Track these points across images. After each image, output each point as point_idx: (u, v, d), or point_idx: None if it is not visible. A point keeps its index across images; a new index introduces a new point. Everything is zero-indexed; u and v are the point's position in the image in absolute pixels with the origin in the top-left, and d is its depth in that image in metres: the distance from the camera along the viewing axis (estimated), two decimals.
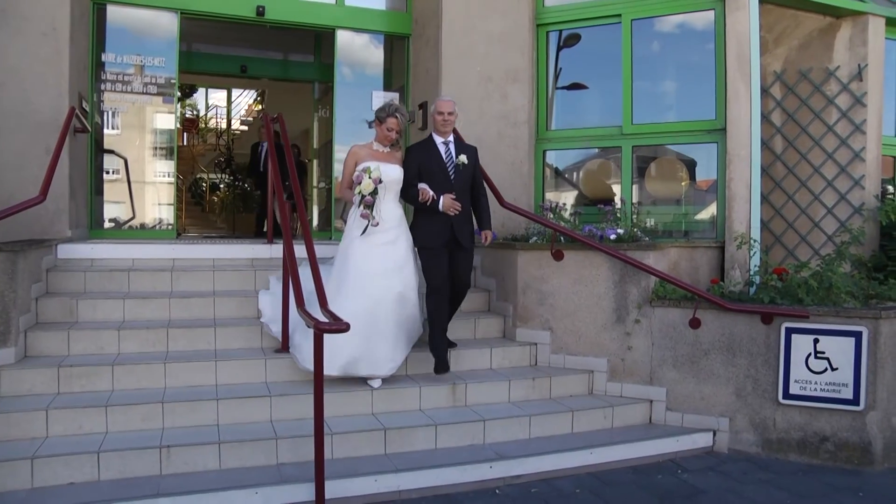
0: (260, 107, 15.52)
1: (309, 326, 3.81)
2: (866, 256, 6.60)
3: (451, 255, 5.07)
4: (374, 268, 4.82)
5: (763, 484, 4.50)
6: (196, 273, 5.74)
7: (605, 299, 5.48)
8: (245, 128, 16.55)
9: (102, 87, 6.87)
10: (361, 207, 4.74)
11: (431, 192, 4.90)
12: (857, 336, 4.78)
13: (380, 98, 7.54)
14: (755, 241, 6.04)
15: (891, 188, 7.55)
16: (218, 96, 16.67)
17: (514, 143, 6.80)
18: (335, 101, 7.48)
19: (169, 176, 7.66)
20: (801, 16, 7.08)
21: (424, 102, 7.01)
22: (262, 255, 6.22)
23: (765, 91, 6.87)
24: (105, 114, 7.08)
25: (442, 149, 5.09)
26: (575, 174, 7.49)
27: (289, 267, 4.50)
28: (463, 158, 5.07)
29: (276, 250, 5.98)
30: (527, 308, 5.72)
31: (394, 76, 7.89)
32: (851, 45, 6.89)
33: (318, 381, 3.74)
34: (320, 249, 5.63)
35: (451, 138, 5.17)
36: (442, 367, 4.97)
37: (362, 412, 4.68)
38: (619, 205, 6.48)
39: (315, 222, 9.07)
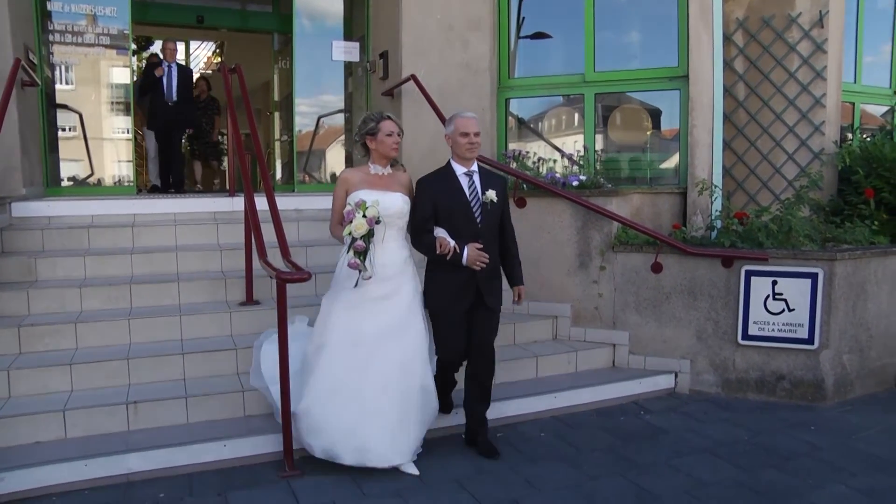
0: (219, 59, 15.14)
1: (271, 276, 3.81)
2: (825, 201, 6.72)
3: (473, 320, 4.02)
4: (366, 329, 3.77)
5: (722, 422, 4.65)
6: (158, 228, 5.67)
7: (568, 246, 5.53)
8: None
9: (51, 38, 6.64)
10: (350, 254, 3.62)
11: (453, 242, 3.85)
12: (814, 277, 4.90)
13: (340, 48, 7.41)
14: (717, 186, 6.12)
15: (850, 135, 7.66)
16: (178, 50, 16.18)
17: (476, 91, 6.74)
18: (295, 53, 7.35)
19: (127, 132, 7.49)
20: None
21: (385, 52, 6.89)
22: (223, 209, 6.15)
23: (727, 38, 6.86)
24: (56, 67, 6.86)
25: (464, 181, 3.97)
26: (539, 123, 7.47)
27: (250, 221, 4.45)
28: (491, 195, 3.93)
29: (237, 203, 5.92)
30: None
31: (354, 26, 7.74)
32: None
33: (283, 329, 3.74)
34: (283, 201, 5.60)
35: (475, 167, 4.02)
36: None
37: None
38: (581, 152, 6.49)
39: (278, 175, 8.96)
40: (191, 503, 3.48)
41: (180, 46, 16.02)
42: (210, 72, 16.01)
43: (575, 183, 5.65)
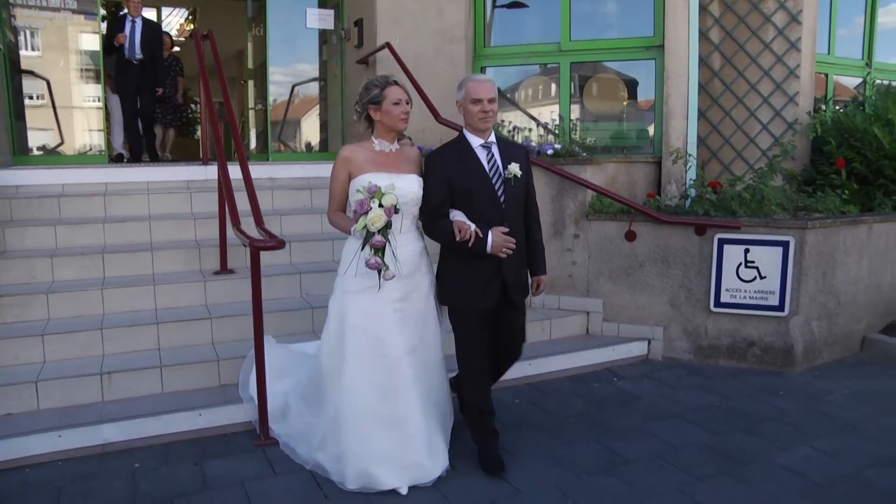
0: (192, 26, 14.84)
1: (244, 244, 3.78)
2: (798, 171, 6.79)
3: (497, 319, 3.52)
4: (388, 339, 3.30)
5: (694, 388, 4.73)
6: (130, 197, 5.59)
7: (542, 214, 5.49)
8: (177, 49, 15.83)
9: (12, 1, 6.45)
10: (369, 252, 3.11)
11: (474, 227, 3.25)
12: (785, 245, 4.97)
13: (315, 15, 7.30)
14: (691, 155, 6.16)
15: (823, 105, 7.72)
16: (147, 15, 15.81)
17: (452, 59, 6.70)
18: (268, 20, 7.22)
19: (98, 100, 7.34)
20: None
21: (359, 19, 6.80)
22: (197, 177, 6.08)
23: (703, 8, 6.85)
24: (21, 32, 6.68)
25: (482, 154, 3.42)
26: (515, 92, 7.44)
27: (224, 189, 4.41)
28: (515, 169, 3.40)
29: (211, 171, 5.84)
30: None
31: None
32: None
33: (257, 297, 3.72)
34: (257, 170, 5.55)
35: (492, 138, 3.48)
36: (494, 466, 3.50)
37: (304, 330, 4.67)
38: (556, 121, 6.49)
39: (253, 144, 8.86)
40: (166, 472, 3.48)
41: (151, 13, 15.73)
42: (183, 38, 15.70)
43: (550, 151, 5.66)
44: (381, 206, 3.06)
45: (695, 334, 5.24)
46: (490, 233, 3.29)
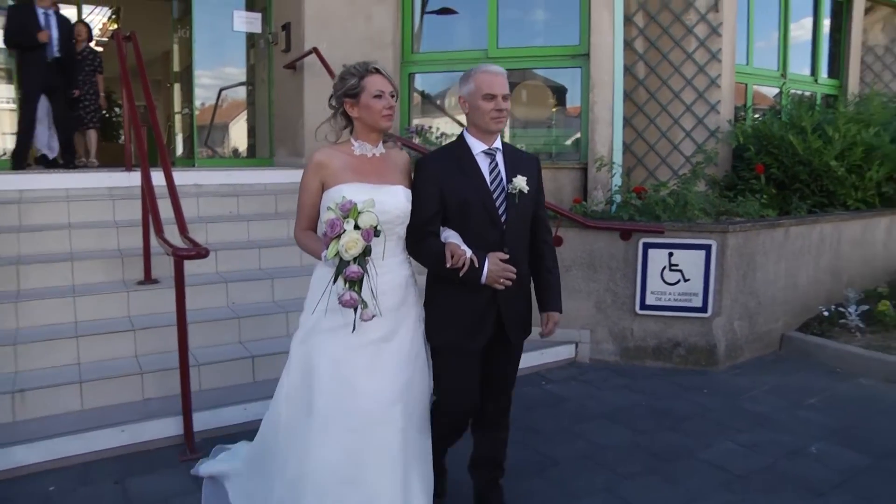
0: (115, 25, 14.36)
1: (168, 253, 3.67)
2: (720, 176, 7.04)
3: (488, 358, 2.92)
4: (364, 388, 2.62)
5: (621, 388, 4.84)
6: (48, 205, 5.35)
7: None
8: (100, 49, 15.32)
9: None
10: (342, 286, 2.43)
11: (469, 252, 2.62)
12: (707, 249, 5.14)
13: (242, 18, 7.16)
14: (616, 162, 6.30)
15: (743, 114, 8.03)
16: (67, 14, 15.23)
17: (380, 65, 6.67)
18: (194, 21, 7.05)
19: (10, 101, 7.02)
20: None
21: (287, 23, 6.71)
22: (120, 184, 5.86)
23: (628, 19, 7.04)
24: None
25: (484, 163, 2.82)
26: (444, 98, 7.47)
27: (146, 196, 4.28)
28: (521, 183, 2.79)
29: (135, 178, 5.65)
30: None
31: None
32: None
33: (181, 308, 3.63)
34: (183, 176, 5.42)
35: (498, 143, 2.87)
36: None
37: (230, 340, 4.58)
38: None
39: (179, 150, 8.64)
40: (85, 493, 3.35)
41: (71, 12, 15.15)
42: (105, 39, 15.18)
43: None
44: (357, 227, 2.39)
45: (621, 336, 5.36)
46: (486, 259, 2.67)
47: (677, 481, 3.52)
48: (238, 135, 8.20)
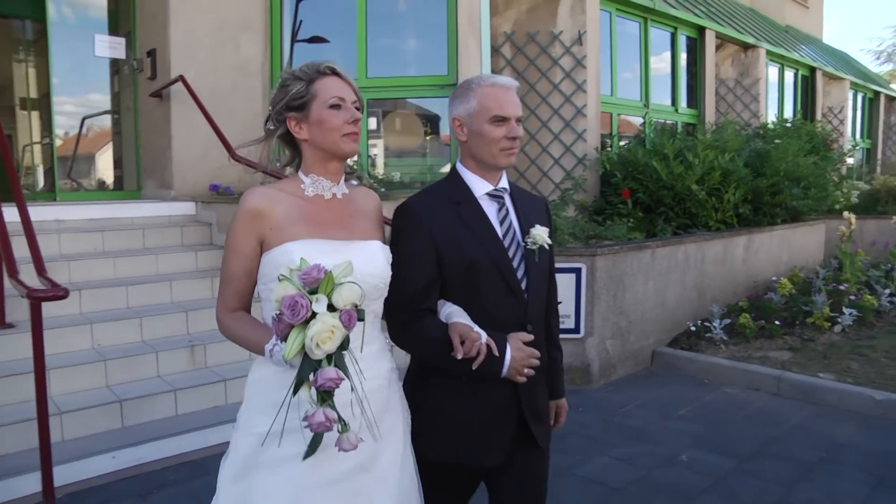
0: None
1: (22, 295, 3.43)
2: (588, 202, 7.38)
3: (509, 472, 2.11)
4: None
5: None
6: None
7: None
8: None
9: None
10: (311, 400, 1.54)
11: (485, 336, 1.84)
12: (578, 272, 5.35)
13: (104, 43, 6.83)
14: None
15: (609, 141, 8.49)
16: None
17: (249, 95, 6.58)
18: (51, 44, 6.65)
19: None
20: None
21: (153, 50, 6.48)
22: None
23: (496, 50, 7.30)
24: None
25: (490, 209, 2.07)
26: None
27: None
28: (542, 235, 2.07)
29: None
30: None
31: (120, 19, 7.19)
32: (573, 13, 7.54)
33: (38, 353, 3.38)
34: (42, 212, 5.11)
35: (505, 182, 2.13)
36: None
37: (96, 385, 4.31)
38: (355, 157, 6.58)
39: (41, 182, 8.10)
40: None
41: None
42: None
43: None
44: (331, 308, 1.54)
45: None
46: (508, 344, 1.92)
47: (556, 498, 3.59)
48: (104, 166, 7.78)
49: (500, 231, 2.05)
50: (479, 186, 2.07)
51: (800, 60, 13.23)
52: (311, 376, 1.52)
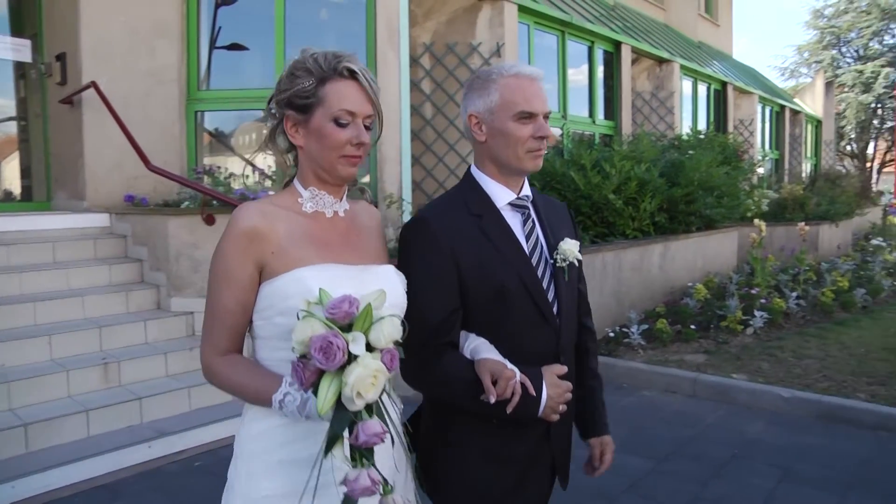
0: None
1: None
2: None
3: None
4: None
5: None
6: None
7: None
8: None
9: None
10: (348, 462, 1.30)
11: (518, 374, 1.58)
12: None
13: (6, 45, 6.51)
14: (406, 200, 6.45)
15: None
16: None
17: (164, 102, 6.38)
18: None
19: None
20: None
21: (62, 54, 6.21)
22: None
23: (415, 61, 7.32)
24: None
25: (514, 221, 1.79)
26: (235, 138, 7.26)
27: None
28: (572, 250, 1.79)
29: None
30: (181, 276, 5.47)
31: (25, 21, 6.86)
32: (491, 25, 7.63)
33: None
34: None
35: (527, 189, 1.84)
36: None
37: None
38: (273, 167, 6.48)
39: None
40: None
41: None
42: None
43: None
44: (370, 349, 1.31)
45: None
46: (544, 382, 1.66)
47: None
48: (10, 175, 7.42)
49: (526, 247, 1.76)
50: (501, 195, 1.77)
51: (712, 75, 13.78)
52: (348, 431, 1.27)
